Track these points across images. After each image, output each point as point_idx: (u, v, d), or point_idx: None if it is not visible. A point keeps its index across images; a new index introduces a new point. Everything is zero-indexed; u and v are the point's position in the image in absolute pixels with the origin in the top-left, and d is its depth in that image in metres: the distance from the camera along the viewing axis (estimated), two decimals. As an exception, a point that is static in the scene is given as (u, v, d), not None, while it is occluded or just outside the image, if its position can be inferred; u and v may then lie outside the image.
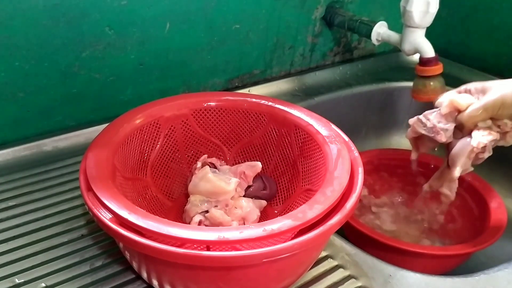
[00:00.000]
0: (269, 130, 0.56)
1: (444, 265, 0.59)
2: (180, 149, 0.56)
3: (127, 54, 0.66)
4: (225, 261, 0.36)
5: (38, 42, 0.59)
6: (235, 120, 0.57)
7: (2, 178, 0.57)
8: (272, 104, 0.55)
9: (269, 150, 0.57)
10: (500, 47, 0.86)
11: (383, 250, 0.56)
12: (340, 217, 0.39)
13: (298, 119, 0.53)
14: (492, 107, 0.48)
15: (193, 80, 0.74)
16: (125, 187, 0.47)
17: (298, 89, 0.83)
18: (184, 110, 0.55)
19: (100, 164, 0.44)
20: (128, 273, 0.45)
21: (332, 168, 0.45)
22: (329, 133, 0.50)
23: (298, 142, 0.53)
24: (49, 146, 0.63)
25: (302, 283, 0.45)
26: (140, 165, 0.52)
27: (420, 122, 0.54)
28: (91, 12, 0.61)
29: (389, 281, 0.46)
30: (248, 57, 0.79)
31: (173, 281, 0.40)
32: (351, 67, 0.91)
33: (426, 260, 0.57)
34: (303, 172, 0.52)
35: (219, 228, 0.43)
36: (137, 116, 0.51)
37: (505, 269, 0.48)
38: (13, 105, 0.60)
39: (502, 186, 0.77)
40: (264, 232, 0.36)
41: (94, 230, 0.50)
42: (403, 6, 0.68)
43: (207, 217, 0.49)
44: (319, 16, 0.84)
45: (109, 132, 0.48)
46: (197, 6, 0.69)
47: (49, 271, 0.45)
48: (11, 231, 0.49)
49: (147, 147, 0.53)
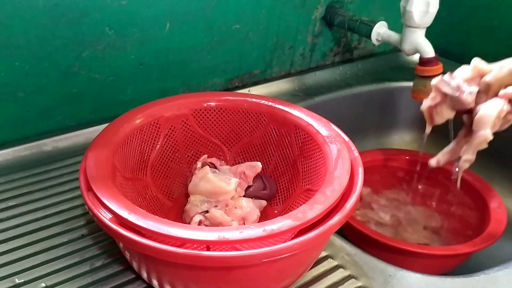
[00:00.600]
0: (269, 130, 0.56)
1: (444, 265, 0.59)
2: (180, 149, 0.56)
3: (127, 54, 0.66)
4: (225, 261, 0.36)
5: (38, 42, 0.59)
6: (235, 120, 0.57)
7: (2, 178, 0.57)
8: (272, 104, 0.55)
9: (269, 150, 0.57)
10: (500, 47, 0.86)
11: (383, 250, 0.56)
12: (340, 217, 0.39)
13: (298, 119, 0.53)
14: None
15: (193, 80, 0.74)
16: (125, 187, 0.47)
17: (298, 89, 0.83)
18: (184, 110, 0.55)
19: (100, 164, 0.44)
20: (128, 273, 0.45)
21: (332, 168, 0.45)
22: (329, 133, 0.50)
23: (298, 142, 0.53)
24: (49, 146, 0.63)
25: (302, 283, 0.45)
26: (140, 165, 0.52)
27: (443, 82, 0.52)
28: (91, 12, 0.61)
29: (389, 281, 0.46)
30: (248, 57, 0.79)
31: (173, 281, 0.40)
32: (351, 67, 0.91)
33: (426, 260, 0.57)
34: (303, 172, 0.52)
35: (219, 228, 0.43)
36: (137, 116, 0.51)
37: (505, 269, 0.48)
38: (13, 105, 0.60)
39: (502, 186, 0.77)
40: (264, 232, 0.36)
41: (94, 230, 0.50)
42: (403, 6, 0.68)
43: (207, 217, 0.49)
44: (319, 16, 0.84)
45: (109, 132, 0.48)
46: (197, 6, 0.69)
47: (49, 271, 0.45)
48: (11, 231, 0.49)
49: (147, 147, 0.53)
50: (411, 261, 0.57)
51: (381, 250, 0.55)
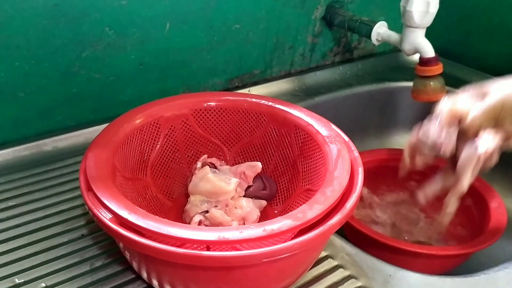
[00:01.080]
0: (269, 130, 0.56)
1: (444, 265, 0.59)
2: (180, 149, 0.56)
3: (127, 54, 0.66)
4: (225, 261, 0.36)
5: (38, 42, 0.59)
6: (235, 120, 0.57)
7: (2, 178, 0.57)
8: (272, 104, 0.55)
9: (269, 150, 0.57)
10: (500, 47, 0.86)
11: (383, 250, 0.56)
12: (340, 217, 0.39)
13: (298, 119, 0.53)
14: (494, 111, 0.47)
15: (193, 80, 0.74)
16: (125, 187, 0.47)
17: (298, 89, 0.83)
18: (184, 110, 0.55)
19: (100, 164, 0.44)
20: (128, 273, 0.45)
21: (332, 168, 0.45)
22: (329, 133, 0.50)
23: (298, 142, 0.53)
24: (49, 146, 0.63)
25: (302, 283, 0.45)
26: (140, 165, 0.52)
27: (419, 143, 0.52)
28: (91, 12, 0.61)
29: (389, 281, 0.46)
30: (248, 57, 0.79)
31: (173, 281, 0.40)
32: (351, 67, 0.91)
33: (426, 260, 0.57)
34: (303, 172, 0.52)
35: (219, 228, 0.43)
36: (137, 116, 0.51)
37: (505, 269, 0.48)
38: (13, 105, 0.60)
39: (502, 186, 0.77)
40: (264, 232, 0.36)
41: (94, 230, 0.50)
42: (403, 6, 0.68)
43: (207, 217, 0.49)
44: (319, 16, 0.84)
45: (109, 132, 0.48)
46: (197, 6, 0.69)
47: (49, 271, 0.45)
48: (11, 231, 0.49)
49: (147, 147, 0.53)
50: (411, 261, 0.57)
51: (381, 250, 0.55)
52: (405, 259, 0.56)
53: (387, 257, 0.50)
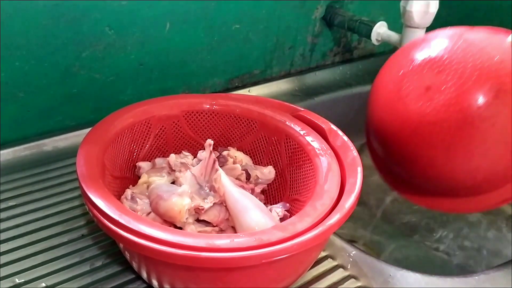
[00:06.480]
0: (260, 137, 0.55)
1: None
2: (169, 149, 0.55)
3: (127, 54, 0.66)
4: (225, 262, 0.36)
5: (38, 42, 0.59)
6: (226, 125, 0.56)
7: (2, 178, 0.57)
8: (263, 112, 0.54)
9: (258, 156, 0.56)
10: (500, 47, 0.86)
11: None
12: (339, 217, 0.39)
13: (290, 128, 0.52)
14: None
15: (193, 80, 0.74)
16: (114, 186, 0.47)
17: (298, 89, 0.83)
18: (176, 111, 0.54)
19: (91, 162, 0.43)
20: (128, 273, 0.45)
21: (322, 181, 0.44)
22: (320, 146, 0.49)
23: (288, 152, 0.52)
24: (49, 146, 0.63)
25: (302, 283, 0.45)
26: (129, 164, 0.52)
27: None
28: (91, 12, 0.61)
29: (389, 281, 0.46)
30: (248, 57, 0.79)
31: (173, 281, 0.40)
32: (351, 67, 0.91)
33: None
34: (291, 182, 0.52)
35: (209, 235, 0.42)
36: (129, 114, 0.51)
37: (505, 269, 0.49)
38: (13, 105, 0.60)
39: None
40: (255, 242, 0.36)
41: (94, 230, 0.50)
42: (403, 6, 0.68)
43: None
44: (319, 16, 0.84)
45: (100, 128, 0.48)
46: (197, 6, 0.69)
47: (49, 271, 0.45)
48: (11, 231, 0.49)
49: (136, 146, 0.52)
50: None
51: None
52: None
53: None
